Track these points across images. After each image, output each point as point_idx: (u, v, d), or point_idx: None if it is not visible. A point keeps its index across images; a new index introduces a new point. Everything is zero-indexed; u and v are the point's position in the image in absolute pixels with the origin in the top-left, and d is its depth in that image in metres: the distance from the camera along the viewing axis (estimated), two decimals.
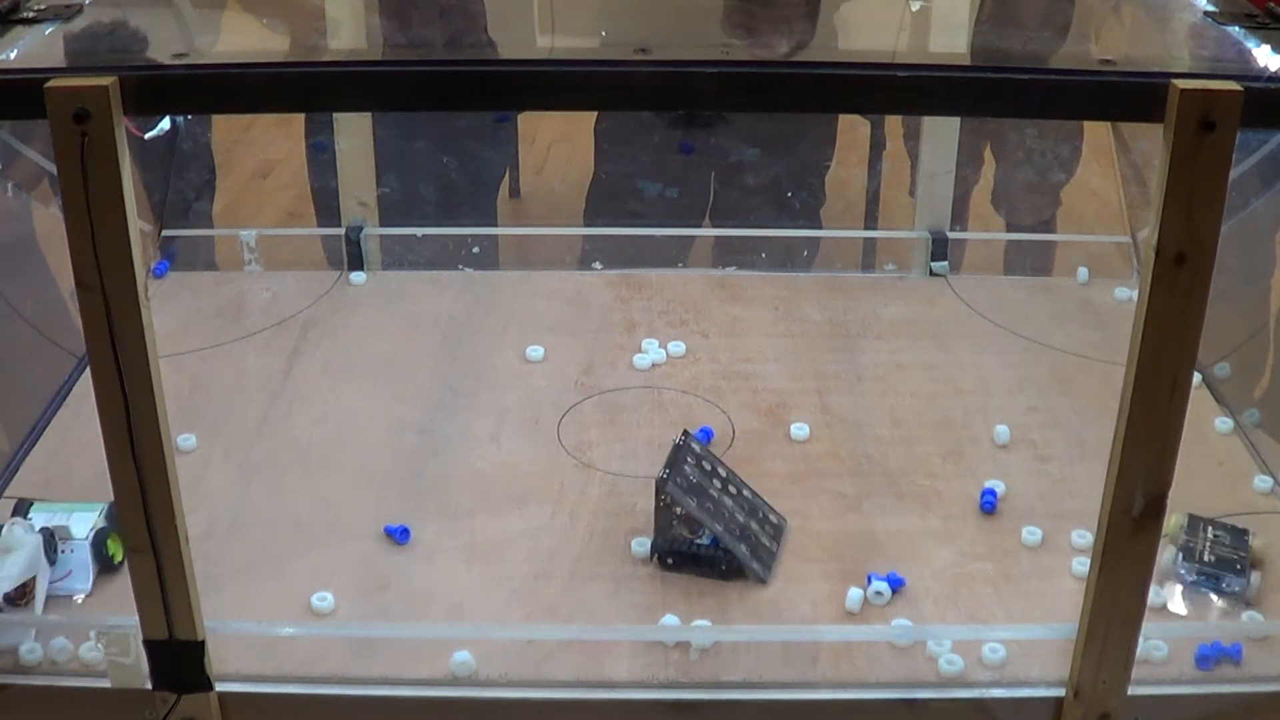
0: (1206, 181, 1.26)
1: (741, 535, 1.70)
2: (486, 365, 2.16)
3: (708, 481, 1.75)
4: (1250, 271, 2.25)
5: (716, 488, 1.75)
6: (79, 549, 1.68)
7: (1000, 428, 1.98)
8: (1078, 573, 1.70)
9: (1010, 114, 2.49)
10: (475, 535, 1.79)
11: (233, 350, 2.21)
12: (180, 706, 1.51)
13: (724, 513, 1.72)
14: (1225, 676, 1.57)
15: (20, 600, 1.63)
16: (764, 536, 1.73)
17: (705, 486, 1.73)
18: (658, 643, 1.61)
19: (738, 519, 1.72)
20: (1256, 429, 2.01)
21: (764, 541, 1.72)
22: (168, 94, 1.36)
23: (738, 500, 1.75)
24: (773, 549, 1.73)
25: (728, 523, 1.70)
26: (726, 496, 1.74)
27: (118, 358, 1.33)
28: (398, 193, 2.60)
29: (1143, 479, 1.38)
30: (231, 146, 3.58)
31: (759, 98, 1.46)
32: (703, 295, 2.36)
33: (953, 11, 1.96)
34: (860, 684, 1.56)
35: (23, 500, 1.76)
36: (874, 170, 2.98)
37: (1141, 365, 1.33)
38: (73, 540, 1.68)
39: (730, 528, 1.70)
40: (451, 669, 1.57)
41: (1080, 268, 2.43)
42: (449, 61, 1.49)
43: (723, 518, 1.71)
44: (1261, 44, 1.46)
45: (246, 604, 1.65)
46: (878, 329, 2.27)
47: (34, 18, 1.51)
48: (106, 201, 1.28)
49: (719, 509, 1.72)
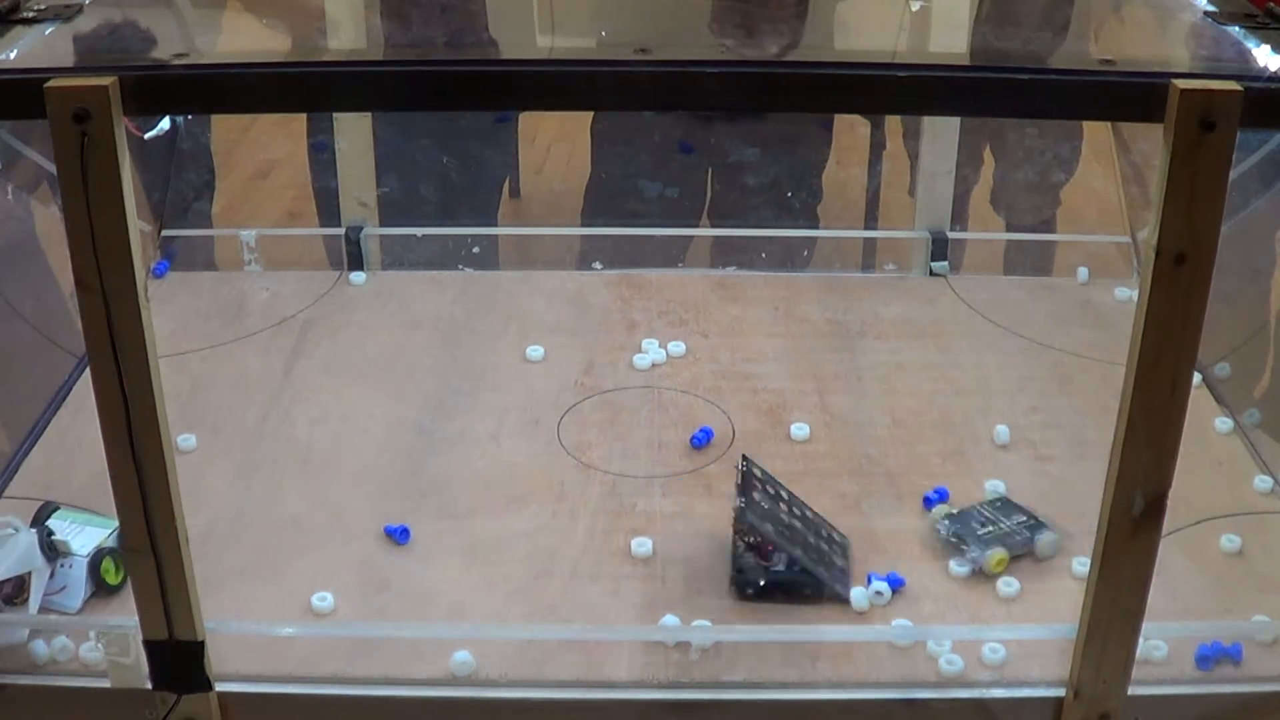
0: (1206, 181, 1.26)
1: (819, 557, 1.67)
2: (486, 365, 2.16)
3: (776, 506, 1.72)
4: (1251, 271, 2.25)
5: (784, 511, 1.72)
6: (76, 565, 1.65)
7: (1000, 428, 1.98)
8: (1078, 573, 1.70)
9: (1010, 114, 2.49)
10: (475, 535, 1.79)
11: (233, 350, 2.21)
12: (180, 706, 1.51)
13: (798, 536, 1.68)
14: (1225, 676, 1.57)
15: (16, 598, 1.63)
16: (835, 555, 1.70)
17: (776, 511, 1.70)
18: (658, 643, 1.61)
19: (810, 540, 1.69)
20: (1256, 429, 2.01)
21: (836, 560, 1.69)
22: (168, 94, 1.36)
23: (805, 522, 1.72)
24: (845, 566, 1.70)
25: (804, 546, 1.67)
26: (795, 519, 1.71)
27: (118, 358, 1.33)
28: (398, 193, 2.60)
29: (1143, 479, 1.38)
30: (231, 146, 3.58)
31: (759, 98, 1.47)
32: (703, 295, 2.36)
33: (953, 11, 1.96)
34: (860, 684, 1.56)
35: (48, 504, 1.75)
36: (874, 170, 2.98)
37: (1141, 365, 1.33)
38: (72, 556, 1.66)
39: (808, 551, 1.67)
40: (451, 669, 1.57)
41: (1080, 268, 2.43)
42: (449, 61, 1.49)
43: (798, 541, 1.67)
44: (1261, 44, 1.46)
45: (246, 604, 1.65)
46: (878, 329, 2.27)
47: (34, 18, 1.51)
48: (106, 201, 1.28)
49: (793, 532, 1.68)
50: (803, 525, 1.71)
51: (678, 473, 1.91)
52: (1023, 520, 1.76)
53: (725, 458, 1.94)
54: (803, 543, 1.68)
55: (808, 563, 1.66)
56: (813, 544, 1.69)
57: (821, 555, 1.68)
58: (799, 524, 1.71)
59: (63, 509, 1.73)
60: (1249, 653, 1.59)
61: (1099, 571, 1.43)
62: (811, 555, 1.67)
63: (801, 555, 1.66)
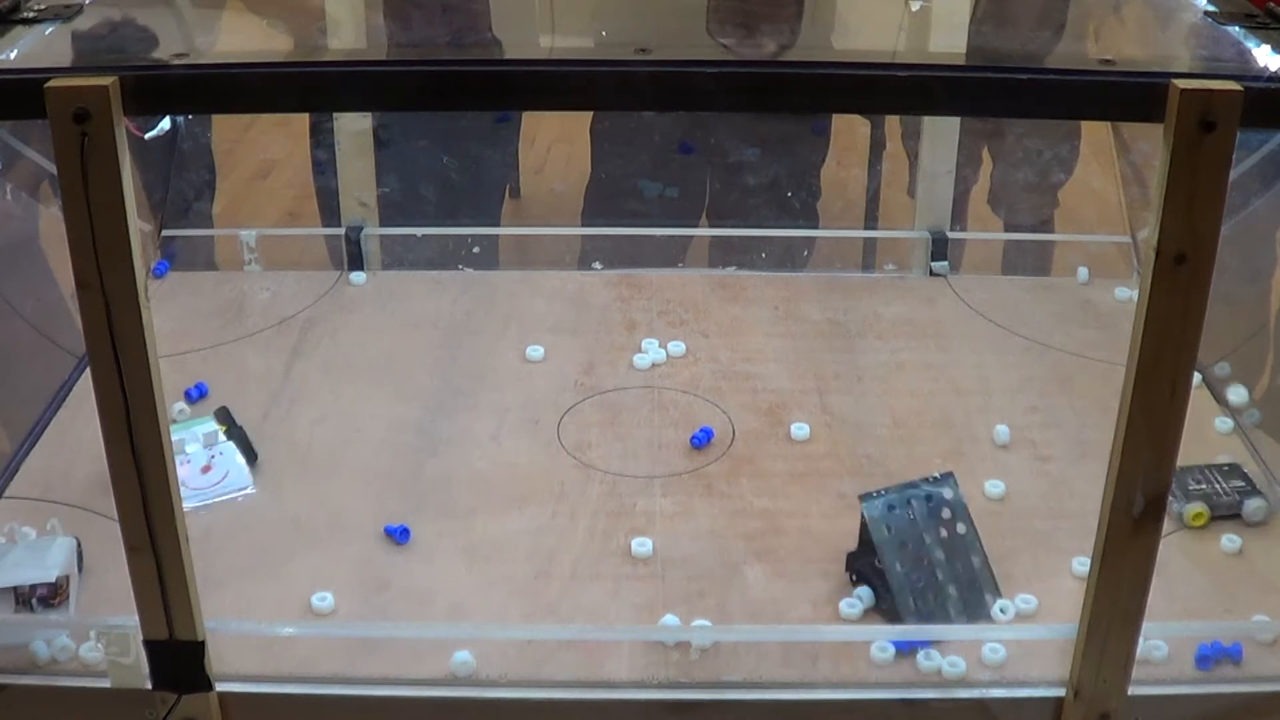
0: (1206, 181, 1.26)
1: (922, 590, 1.63)
2: (486, 365, 2.16)
3: (936, 529, 1.67)
4: (1251, 271, 2.25)
5: (942, 537, 1.67)
6: (227, 451, 1.75)
7: (1000, 428, 1.98)
8: (1078, 572, 1.70)
9: (1010, 114, 2.49)
10: (475, 535, 1.79)
11: (233, 350, 2.21)
12: (180, 706, 1.51)
13: (923, 560, 1.64)
14: (1225, 676, 1.57)
15: (54, 600, 1.63)
16: (950, 604, 1.64)
17: (925, 530, 1.66)
18: (658, 643, 1.61)
19: (935, 575, 1.65)
20: (1256, 429, 2.01)
21: (947, 608, 1.64)
22: (168, 94, 1.36)
23: (953, 562, 1.66)
24: (950, 615, 1.64)
25: (915, 568, 1.64)
26: (941, 549, 1.66)
27: (118, 358, 1.33)
28: (398, 193, 2.60)
29: (1143, 479, 1.38)
30: (231, 146, 3.57)
31: (759, 98, 1.46)
32: (703, 295, 2.36)
33: (952, 11, 1.96)
34: (860, 684, 1.56)
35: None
36: (874, 170, 2.98)
37: (1141, 365, 1.33)
38: (219, 444, 1.75)
39: (914, 576, 1.64)
40: (452, 669, 1.57)
41: (1080, 268, 2.43)
42: (449, 61, 1.49)
43: (918, 565, 1.64)
44: (1261, 44, 1.46)
45: (246, 604, 1.65)
46: (878, 329, 2.27)
47: (34, 18, 1.51)
48: (106, 201, 1.28)
49: (920, 555, 1.65)
50: (946, 560, 1.66)
51: (678, 473, 1.91)
52: (1240, 485, 1.82)
53: (725, 458, 1.94)
54: (916, 565, 1.64)
55: (896, 582, 1.63)
56: (936, 580, 1.64)
57: (929, 591, 1.64)
58: (941, 554, 1.66)
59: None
60: (1249, 652, 1.59)
61: (1099, 571, 1.43)
62: (915, 583, 1.63)
63: (898, 571, 1.63)
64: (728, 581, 1.71)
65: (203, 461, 1.81)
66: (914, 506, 1.67)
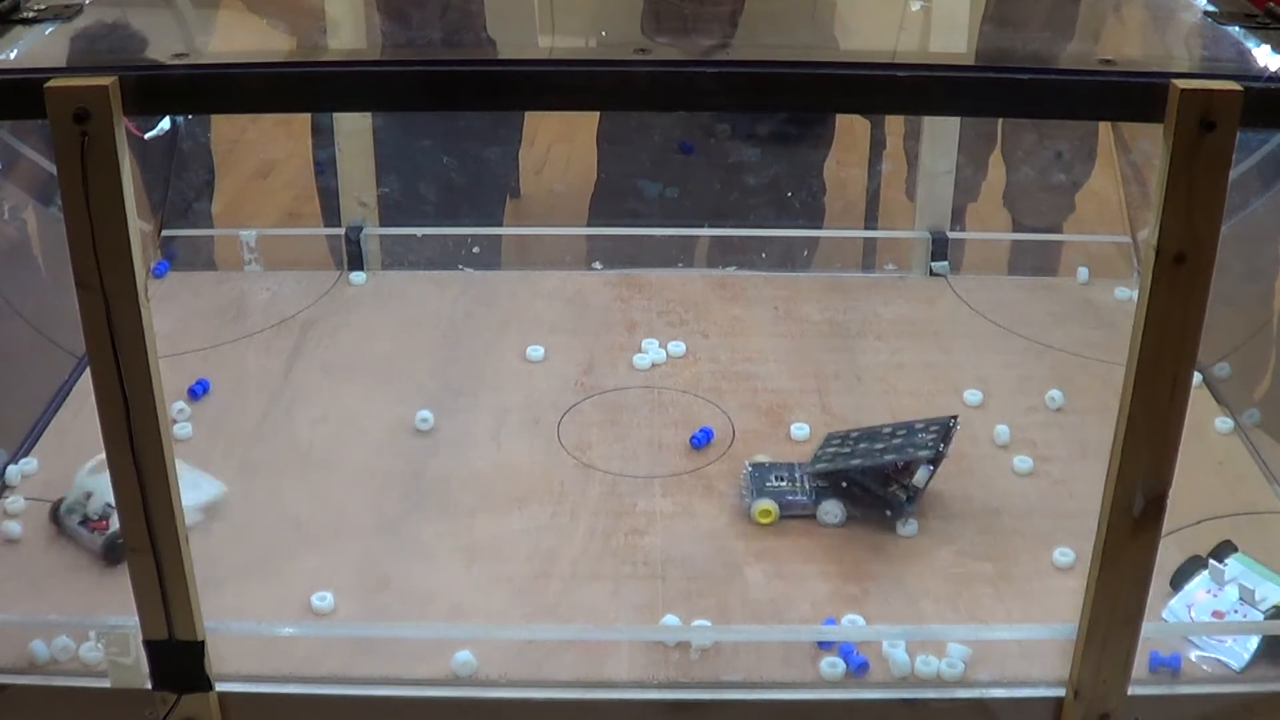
0: (1206, 181, 1.26)
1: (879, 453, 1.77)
2: (486, 365, 2.16)
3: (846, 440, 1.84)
4: (1251, 271, 2.25)
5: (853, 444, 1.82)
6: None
7: (1000, 428, 1.98)
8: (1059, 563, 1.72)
9: (1010, 114, 2.49)
10: (475, 535, 1.79)
11: (233, 350, 2.21)
12: (180, 706, 1.51)
13: (858, 447, 1.79)
14: (1225, 676, 1.57)
15: (100, 524, 1.67)
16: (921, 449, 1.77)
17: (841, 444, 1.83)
18: (658, 643, 1.61)
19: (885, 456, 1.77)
20: (1256, 429, 2.01)
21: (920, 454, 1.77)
22: (168, 94, 1.36)
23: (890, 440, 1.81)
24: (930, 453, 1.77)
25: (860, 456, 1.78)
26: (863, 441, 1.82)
27: (118, 358, 1.33)
28: (398, 193, 2.60)
29: (1143, 479, 1.38)
30: (231, 146, 3.57)
31: (759, 98, 1.46)
32: (703, 295, 2.36)
33: (953, 11, 1.96)
34: (860, 684, 1.56)
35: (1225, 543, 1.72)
36: (874, 170, 2.98)
37: (1141, 365, 1.33)
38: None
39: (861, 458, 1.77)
40: (452, 669, 1.57)
41: (1080, 268, 2.43)
42: (449, 61, 1.49)
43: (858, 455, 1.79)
44: (1261, 44, 1.46)
45: (246, 604, 1.65)
46: (878, 329, 2.27)
47: (34, 18, 1.51)
48: (106, 201, 1.28)
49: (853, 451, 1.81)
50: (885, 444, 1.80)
51: (678, 473, 1.91)
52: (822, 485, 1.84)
53: (725, 458, 1.94)
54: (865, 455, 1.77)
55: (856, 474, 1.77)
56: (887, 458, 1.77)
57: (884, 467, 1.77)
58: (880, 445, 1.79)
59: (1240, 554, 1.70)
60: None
61: (1099, 571, 1.43)
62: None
63: (859, 464, 1.77)
64: (728, 581, 1.71)
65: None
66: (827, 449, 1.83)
